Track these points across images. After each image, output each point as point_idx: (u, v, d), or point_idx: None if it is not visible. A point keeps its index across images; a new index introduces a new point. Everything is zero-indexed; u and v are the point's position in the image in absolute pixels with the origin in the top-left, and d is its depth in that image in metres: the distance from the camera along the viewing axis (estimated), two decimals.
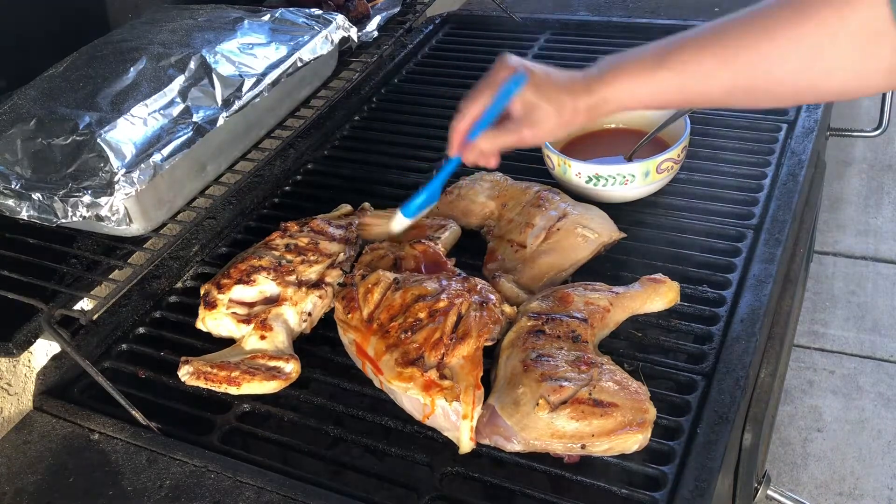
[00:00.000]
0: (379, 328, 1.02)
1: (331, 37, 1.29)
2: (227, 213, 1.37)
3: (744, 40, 0.82)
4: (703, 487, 0.88)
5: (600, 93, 0.91)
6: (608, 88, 0.91)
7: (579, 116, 0.94)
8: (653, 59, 0.88)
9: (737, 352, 1.03)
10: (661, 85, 0.87)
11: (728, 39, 0.84)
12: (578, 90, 0.92)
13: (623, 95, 0.90)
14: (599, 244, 1.17)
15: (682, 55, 0.86)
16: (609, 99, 0.91)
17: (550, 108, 0.94)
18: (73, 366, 1.11)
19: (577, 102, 0.92)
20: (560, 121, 0.94)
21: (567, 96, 0.93)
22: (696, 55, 0.86)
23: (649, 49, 0.89)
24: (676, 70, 0.86)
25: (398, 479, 0.96)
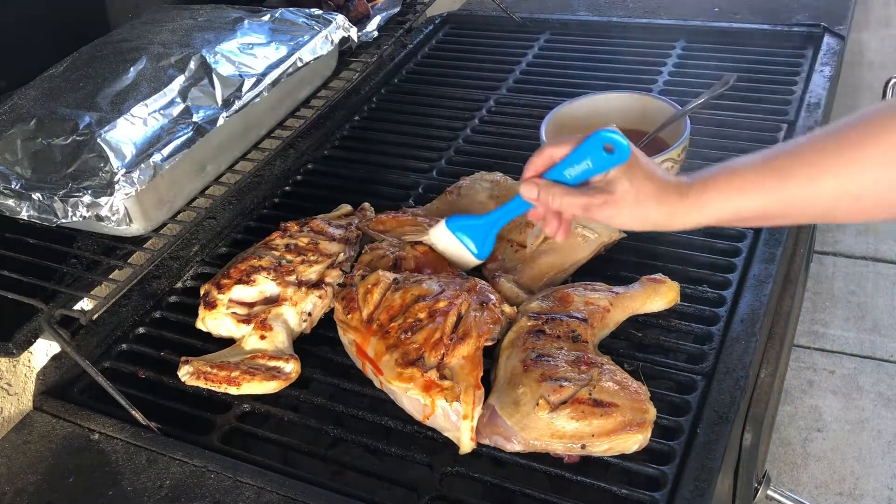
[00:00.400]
0: (379, 328, 1.02)
1: (331, 37, 1.29)
2: (227, 213, 1.37)
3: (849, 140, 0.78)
4: (703, 487, 0.88)
5: (685, 200, 0.86)
6: (695, 197, 0.85)
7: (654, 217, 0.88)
8: (751, 167, 0.83)
9: (737, 352, 1.03)
10: (757, 198, 0.82)
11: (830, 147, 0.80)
12: (666, 191, 0.87)
13: (710, 207, 0.85)
14: (599, 244, 1.17)
15: (784, 164, 0.82)
16: (692, 209, 0.86)
17: (632, 192, 0.88)
18: (73, 366, 1.11)
19: (658, 203, 0.87)
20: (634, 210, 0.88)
21: (654, 191, 0.87)
22: (800, 162, 0.81)
23: (742, 159, 0.85)
24: (780, 179, 0.81)
25: (398, 479, 0.96)
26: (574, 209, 0.92)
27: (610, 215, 0.90)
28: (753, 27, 1.71)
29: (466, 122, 1.57)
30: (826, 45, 1.62)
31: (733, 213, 0.85)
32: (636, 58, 1.68)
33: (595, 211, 0.90)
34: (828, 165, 0.79)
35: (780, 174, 0.81)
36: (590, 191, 0.90)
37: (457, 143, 1.51)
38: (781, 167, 0.82)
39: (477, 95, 1.64)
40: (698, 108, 1.29)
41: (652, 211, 0.88)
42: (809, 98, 1.48)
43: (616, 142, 0.87)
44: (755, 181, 0.83)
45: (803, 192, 0.81)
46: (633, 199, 0.88)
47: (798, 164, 0.81)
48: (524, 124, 1.52)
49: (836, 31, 1.65)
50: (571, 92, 1.47)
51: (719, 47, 1.67)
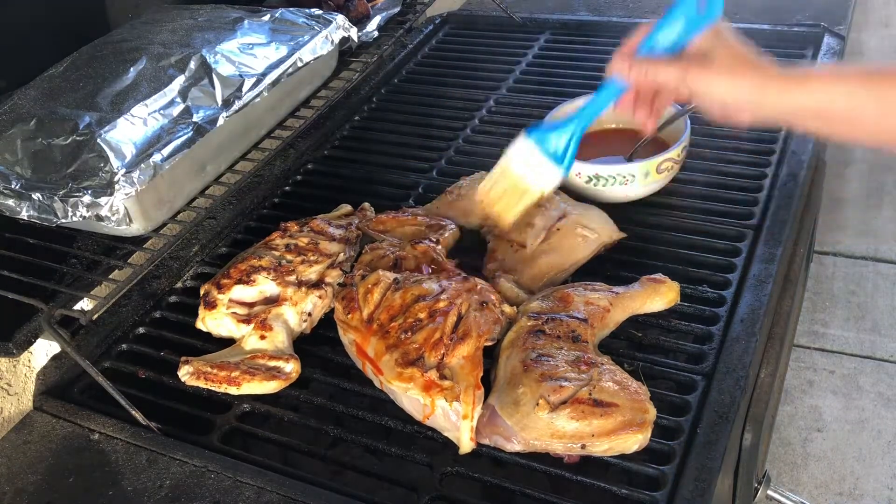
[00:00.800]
0: (379, 328, 1.02)
1: (331, 37, 1.29)
2: (227, 213, 1.37)
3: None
4: (703, 487, 0.88)
5: (784, 77, 0.84)
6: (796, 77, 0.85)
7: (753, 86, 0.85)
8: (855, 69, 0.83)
9: (737, 352, 1.03)
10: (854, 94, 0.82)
11: None
12: (763, 65, 0.86)
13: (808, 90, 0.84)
14: (599, 244, 1.17)
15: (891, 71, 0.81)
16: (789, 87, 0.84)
17: (729, 57, 0.86)
18: (73, 366, 1.11)
19: (757, 72, 0.85)
20: (733, 75, 0.85)
21: (751, 60, 0.86)
22: None
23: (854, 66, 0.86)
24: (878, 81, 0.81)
25: (398, 479, 0.96)
26: (670, 78, 0.88)
27: (706, 82, 0.87)
28: (753, 27, 1.71)
29: (466, 122, 1.57)
30: (826, 45, 1.62)
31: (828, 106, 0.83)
32: None
33: (692, 78, 0.86)
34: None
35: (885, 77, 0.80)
36: (685, 58, 0.88)
37: (457, 143, 1.51)
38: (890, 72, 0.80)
39: (477, 95, 1.64)
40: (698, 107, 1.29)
41: (747, 81, 0.85)
42: None
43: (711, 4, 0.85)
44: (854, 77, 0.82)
45: None
46: (730, 65, 0.85)
47: None
48: (524, 124, 1.51)
49: (836, 31, 1.65)
50: (571, 92, 1.47)
51: None
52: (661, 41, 0.89)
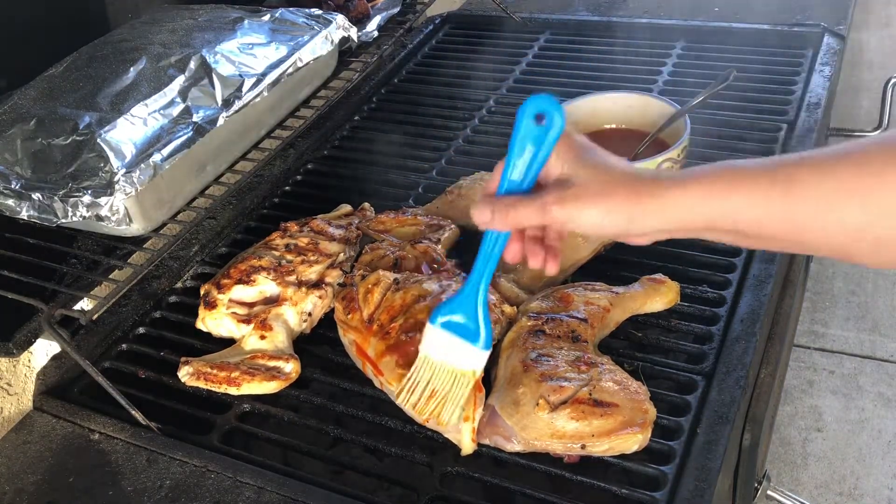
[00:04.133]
0: (379, 329, 1.02)
1: (331, 37, 1.29)
2: (227, 213, 1.37)
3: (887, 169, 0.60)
4: (703, 487, 0.88)
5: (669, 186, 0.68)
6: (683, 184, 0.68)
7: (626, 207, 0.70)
8: (759, 169, 0.66)
9: (737, 352, 1.03)
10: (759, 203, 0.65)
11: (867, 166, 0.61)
12: (635, 180, 0.71)
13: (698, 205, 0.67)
14: (599, 244, 1.17)
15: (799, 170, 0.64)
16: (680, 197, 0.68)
17: (593, 178, 0.72)
18: (73, 366, 1.11)
19: (631, 184, 0.70)
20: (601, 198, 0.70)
21: (620, 177, 0.71)
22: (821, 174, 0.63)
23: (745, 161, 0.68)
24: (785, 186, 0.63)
25: (398, 479, 0.96)
26: (530, 216, 0.74)
27: (570, 213, 0.72)
28: (753, 27, 1.71)
29: (466, 122, 1.57)
30: (826, 45, 1.62)
31: (729, 218, 0.67)
32: (636, 58, 1.68)
33: (553, 210, 0.72)
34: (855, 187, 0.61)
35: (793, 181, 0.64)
36: (543, 191, 0.74)
37: (457, 143, 1.51)
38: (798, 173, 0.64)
39: (477, 95, 1.64)
40: (699, 106, 1.29)
41: (615, 204, 0.70)
42: (809, 98, 1.48)
43: (543, 107, 0.73)
44: (756, 182, 0.65)
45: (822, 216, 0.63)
46: (597, 189, 0.71)
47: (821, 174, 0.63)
48: None
49: (836, 31, 1.65)
50: (571, 92, 1.47)
51: (719, 47, 1.67)
52: (514, 174, 0.76)
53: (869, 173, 0.61)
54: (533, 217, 0.74)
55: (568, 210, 0.72)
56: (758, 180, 0.65)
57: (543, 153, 0.74)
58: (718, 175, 0.67)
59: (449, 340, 0.89)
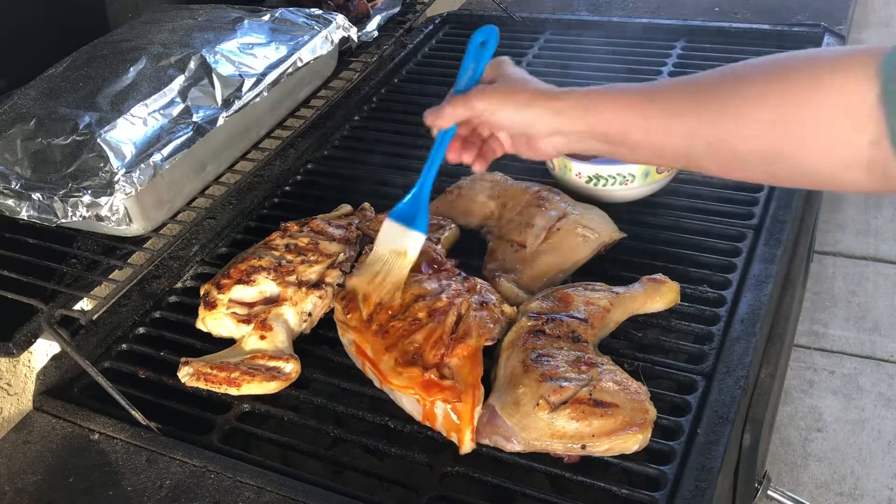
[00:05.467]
0: (378, 328, 1.02)
1: (331, 37, 1.29)
2: (227, 213, 1.37)
3: (716, 88, 0.77)
4: (703, 487, 0.88)
5: (563, 98, 0.86)
6: (572, 98, 0.85)
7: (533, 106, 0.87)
8: (625, 88, 0.84)
9: (737, 352, 1.03)
10: (622, 110, 0.82)
11: (702, 85, 0.79)
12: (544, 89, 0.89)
13: (585, 108, 0.84)
14: (599, 244, 1.17)
15: (655, 91, 0.82)
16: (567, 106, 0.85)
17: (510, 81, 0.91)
18: (73, 366, 1.11)
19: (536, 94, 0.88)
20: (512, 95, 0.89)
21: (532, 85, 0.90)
22: (669, 93, 0.81)
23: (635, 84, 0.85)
24: (644, 101, 0.81)
25: (398, 479, 0.96)
26: (459, 109, 0.92)
27: (489, 105, 0.89)
28: (753, 27, 1.71)
29: None
30: (826, 45, 1.62)
31: (601, 125, 0.83)
32: (636, 58, 1.68)
33: (474, 101, 0.90)
34: (690, 103, 0.77)
35: (649, 99, 0.81)
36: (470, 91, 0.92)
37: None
38: (653, 94, 0.81)
39: None
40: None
41: (528, 99, 0.88)
42: None
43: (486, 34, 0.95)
44: (624, 98, 0.82)
45: (662, 124, 0.79)
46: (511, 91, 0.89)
47: (668, 95, 0.80)
48: None
49: (836, 31, 1.65)
50: None
51: (719, 47, 1.67)
52: (459, 86, 0.95)
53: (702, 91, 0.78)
54: (460, 109, 0.92)
55: (486, 102, 0.90)
56: (626, 98, 0.83)
57: (480, 67, 0.95)
58: (600, 92, 0.85)
59: (394, 229, 1.04)
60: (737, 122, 0.75)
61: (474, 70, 0.95)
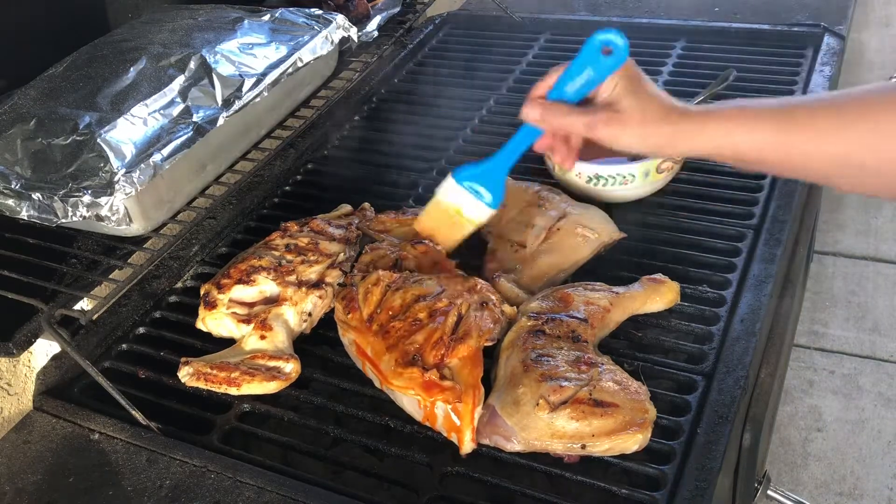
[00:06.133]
0: (379, 329, 1.02)
1: (331, 37, 1.29)
2: (227, 213, 1.37)
3: (863, 109, 0.77)
4: (703, 487, 0.88)
5: (690, 123, 0.84)
6: (700, 122, 0.84)
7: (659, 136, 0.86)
8: (756, 108, 0.83)
9: (737, 352, 1.03)
10: (758, 135, 0.81)
11: (847, 106, 0.78)
12: (670, 112, 0.86)
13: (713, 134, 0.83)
14: (599, 244, 1.17)
15: (790, 111, 0.81)
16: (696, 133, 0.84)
17: (637, 108, 0.86)
18: (73, 366, 1.11)
19: (664, 121, 0.85)
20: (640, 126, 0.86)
21: (658, 109, 0.86)
22: (808, 114, 0.80)
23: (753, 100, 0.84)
24: (779, 123, 0.80)
25: (398, 479, 0.96)
26: (577, 127, 0.90)
27: (614, 133, 0.87)
28: (753, 27, 1.71)
29: (466, 122, 1.57)
30: (826, 45, 1.62)
31: (732, 148, 0.83)
32: (636, 58, 1.66)
33: (599, 128, 0.87)
34: (837, 125, 0.77)
35: (788, 121, 0.80)
36: (593, 108, 0.89)
37: (457, 143, 1.51)
38: (791, 115, 0.80)
39: (477, 95, 1.64)
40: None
41: (655, 130, 0.86)
42: None
43: (612, 42, 0.86)
44: (760, 120, 0.81)
45: (805, 146, 0.79)
46: (639, 118, 0.86)
47: (808, 116, 0.79)
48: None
49: (836, 31, 1.65)
50: None
51: (719, 47, 1.67)
52: (569, 87, 0.90)
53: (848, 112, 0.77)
54: (579, 129, 0.89)
55: (612, 131, 0.87)
56: (762, 117, 0.81)
57: (600, 78, 0.88)
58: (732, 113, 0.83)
59: (463, 194, 1.08)
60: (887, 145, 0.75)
61: (590, 78, 0.89)
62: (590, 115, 0.88)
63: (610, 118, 0.87)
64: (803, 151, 0.79)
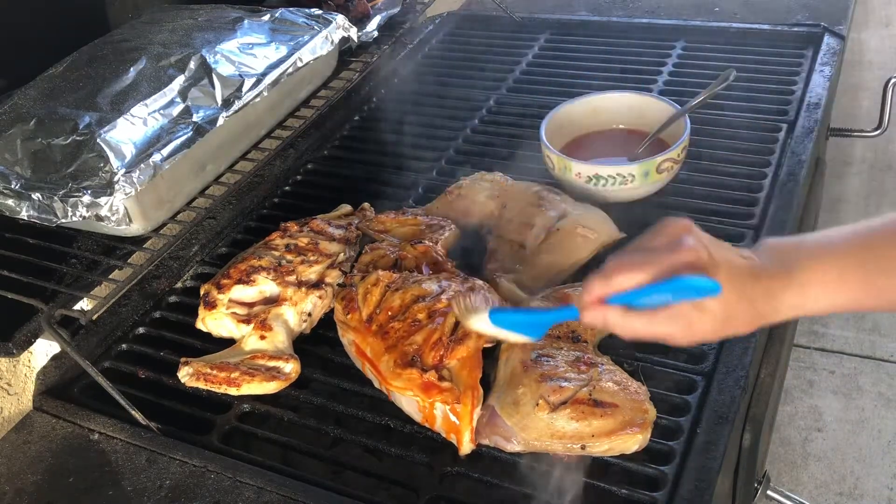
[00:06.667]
0: (378, 329, 1.02)
1: (331, 37, 1.29)
2: (227, 213, 1.37)
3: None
4: (703, 487, 0.88)
5: (784, 299, 0.75)
6: (795, 295, 0.74)
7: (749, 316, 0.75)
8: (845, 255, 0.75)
9: (737, 352, 1.03)
10: (854, 299, 0.74)
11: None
12: (756, 284, 0.74)
13: (808, 303, 0.75)
14: (599, 244, 1.17)
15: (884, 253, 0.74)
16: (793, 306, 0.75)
17: (720, 303, 0.73)
18: (73, 366, 1.11)
19: (751, 296, 0.74)
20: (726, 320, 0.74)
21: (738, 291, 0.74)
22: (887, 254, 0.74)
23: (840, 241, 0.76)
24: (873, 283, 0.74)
25: (398, 479, 0.96)
26: (655, 338, 0.76)
27: (691, 341, 0.76)
28: (753, 27, 1.71)
29: (466, 122, 1.57)
30: (826, 45, 1.62)
31: (829, 308, 0.75)
32: (636, 58, 1.68)
33: (679, 340, 0.75)
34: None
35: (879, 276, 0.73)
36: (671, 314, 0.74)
37: (457, 143, 1.51)
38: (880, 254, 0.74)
39: (477, 95, 1.64)
40: (699, 106, 1.29)
41: (741, 316, 0.75)
42: (809, 98, 1.48)
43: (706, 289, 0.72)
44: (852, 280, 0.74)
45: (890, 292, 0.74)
46: (723, 315, 0.74)
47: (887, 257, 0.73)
48: (524, 124, 1.52)
49: (836, 31, 1.65)
50: (571, 92, 1.47)
51: (719, 47, 1.67)
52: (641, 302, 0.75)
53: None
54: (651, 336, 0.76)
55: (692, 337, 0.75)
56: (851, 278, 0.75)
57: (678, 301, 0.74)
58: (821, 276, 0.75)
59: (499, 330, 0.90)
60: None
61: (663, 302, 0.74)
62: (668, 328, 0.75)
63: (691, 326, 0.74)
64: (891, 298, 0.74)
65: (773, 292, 0.75)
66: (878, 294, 0.75)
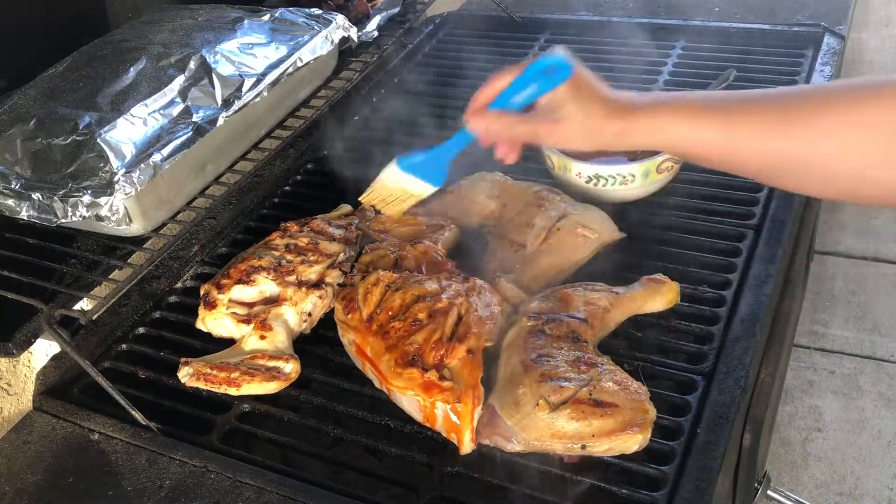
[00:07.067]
0: (378, 329, 1.02)
1: (331, 37, 1.29)
2: (227, 213, 1.37)
3: (805, 110, 0.77)
4: (703, 487, 0.88)
5: (635, 119, 0.85)
6: (645, 118, 0.84)
7: (604, 136, 0.87)
8: (703, 103, 0.84)
9: (737, 352, 1.03)
10: (703, 131, 0.82)
11: (789, 106, 0.78)
12: (615, 110, 0.86)
13: (658, 130, 0.84)
14: (599, 244, 1.17)
15: (735, 108, 0.81)
16: (641, 129, 0.85)
17: (579, 112, 0.87)
18: (73, 366, 1.11)
19: (608, 121, 0.86)
20: (584, 130, 0.87)
21: (601, 109, 0.86)
22: (751, 112, 0.80)
23: (700, 94, 0.86)
24: (724, 120, 0.81)
25: (398, 479, 0.96)
26: (522, 138, 0.92)
27: (560, 140, 0.90)
28: (753, 27, 1.71)
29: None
30: (826, 45, 1.62)
31: (679, 143, 0.84)
32: (636, 58, 1.68)
33: (543, 137, 0.90)
34: (779, 124, 0.78)
35: (730, 116, 0.81)
36: (537, 117, 0.90)
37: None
38: (734, 111, 0.81)
39: None
40: None
41: (598, 132, 0.87)
42: None
43: (559, 63, 0.88)
44: (702, 115, 0.82)
45: (749, 143, 0.79)
46: (581, 122, 0.87)
47: (752, 112, 0.80)
48: None
49: (836, 31, 1.65)
50: None
51: (719, 47, 1.67)
52: (513, 99, 0.91)
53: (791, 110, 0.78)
54: (524, 136, 0.92)
55: (556, 138, 0.90)
56: (702, 114, 0.82)
57: (544, 91, 0.89)
58: (679, 107, 0.84)
59: (401, 176, 1.09)
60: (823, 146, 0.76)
61: (534, 92, 0.90)
62: (532, 125, 0.90)
63: (552, 126, 0.88)
64: (742, 149, 0.80)
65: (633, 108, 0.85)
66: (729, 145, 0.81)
